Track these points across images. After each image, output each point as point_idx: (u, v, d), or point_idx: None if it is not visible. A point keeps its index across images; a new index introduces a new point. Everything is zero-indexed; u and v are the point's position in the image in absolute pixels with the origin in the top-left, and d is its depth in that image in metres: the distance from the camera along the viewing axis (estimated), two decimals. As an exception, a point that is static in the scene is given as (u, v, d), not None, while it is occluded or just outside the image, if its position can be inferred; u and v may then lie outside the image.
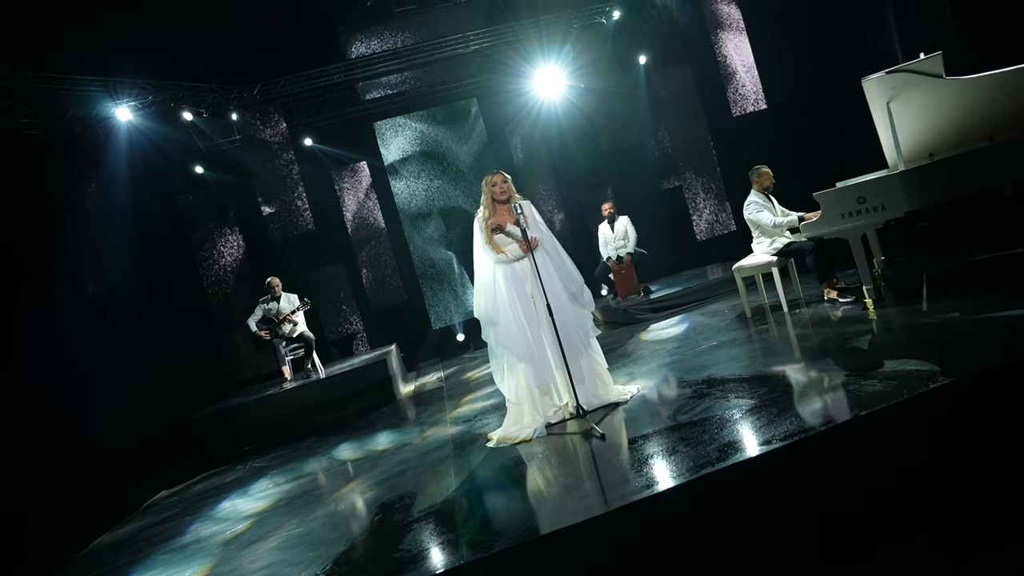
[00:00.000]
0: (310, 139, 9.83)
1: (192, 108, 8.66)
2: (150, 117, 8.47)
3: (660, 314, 6.13)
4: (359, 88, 9.64)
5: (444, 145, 10.18)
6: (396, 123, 10.20)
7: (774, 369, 3.49)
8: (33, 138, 8.00)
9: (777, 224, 4.68)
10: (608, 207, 7.05)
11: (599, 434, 3.21)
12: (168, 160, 8.86)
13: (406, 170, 10.11)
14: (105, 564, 3.49)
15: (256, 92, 8.93)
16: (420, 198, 10.10)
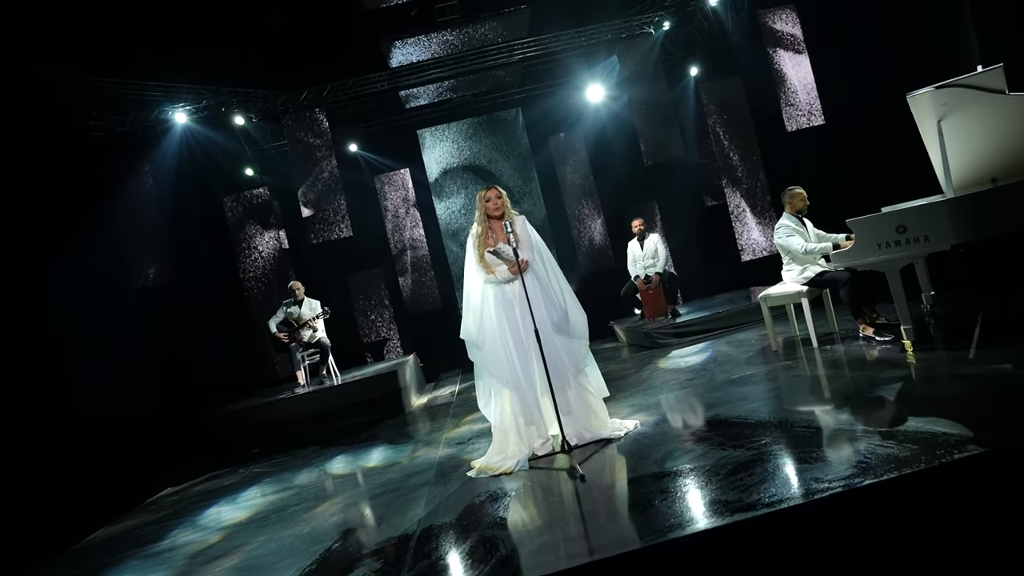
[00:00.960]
0: (355, 145, 10.00)
1: (243, 112, 8.94)
2: (203, 121, 8.83)
3: (684, 339, 5.77)
4: (403, 96, 9.71)
5: (486, 154, 10.12)
6: (439, 132, 10.22)
7: (784, 415, 3.13)
8: (97, 139, 8.49)
9: (809, 251, 4.27)
10: (639, 224, 6.73)
11: (579, 475, 2.96)
12: (218, 162, 9.23)
13: (447, 178, 10.10)
14: (83, 564, 3.52)
15: (303, 98, 9.14)
16: (460, 207, 10.06)
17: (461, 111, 10.19)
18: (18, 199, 6.16)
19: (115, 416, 5.63)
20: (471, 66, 9.18)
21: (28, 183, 6.44)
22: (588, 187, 9.87)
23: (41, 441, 5.00)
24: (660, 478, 2.74)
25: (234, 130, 9.01)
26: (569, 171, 9.93)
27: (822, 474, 2.32)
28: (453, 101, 10.08)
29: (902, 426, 2.60)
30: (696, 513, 2.26)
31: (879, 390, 3.21)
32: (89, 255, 7.09)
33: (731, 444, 2.89)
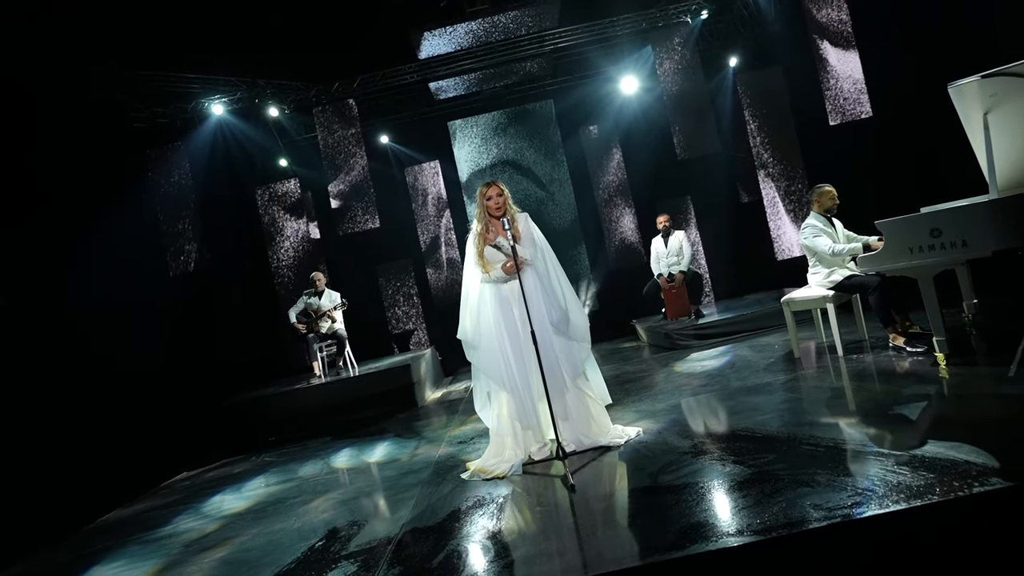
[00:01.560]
0: (385, 137, 10.03)
1: (277, 104, 9.05)
2: (238, 113, 9.00)
3: (705, 342, 5.53)
4: (433, 89, 9.66)
5: (517, 147, 9.99)
6: (469, 124, 10.15)
7: (793, 430, 2.92)
8: (139, 130, 8.77)
9: (836, 253, 3.99)
10: (663, 220, 6.48)
11: (569, 484, 2.84)
12: (251, 154, 9.43)
13: (478, 170, 10.02)
14: (88, 546, 3.61)
15: (334, 90, 9.19)
16: None
17: (492, 103, 10.08)
18: (63, 186, 6.39)
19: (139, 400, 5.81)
20: (501, 57, 9.04)
21: (73, 171, 6.69)
22: (620, 181, 9.64)
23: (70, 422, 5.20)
24: (651, 493, 2.59)
25: (267, 122, 9.15)
26: (600, 164, 9.72)
27: (821, 500, 2.13)
28: (483, 93, 9.97)
29: (920, 450, 2.37)
30: (675, 538, 2.11)
31: (902, 407, 2.96)
32: (129, 242, 7.34)
33: (732, 459, 2.71)
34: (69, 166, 6.72)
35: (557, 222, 9.66)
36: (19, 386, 4.99)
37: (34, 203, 6.01)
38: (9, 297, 5.54)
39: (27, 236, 5.81)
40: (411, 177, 10.22)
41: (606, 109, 9.45)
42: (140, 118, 8.74)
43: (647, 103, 9.06)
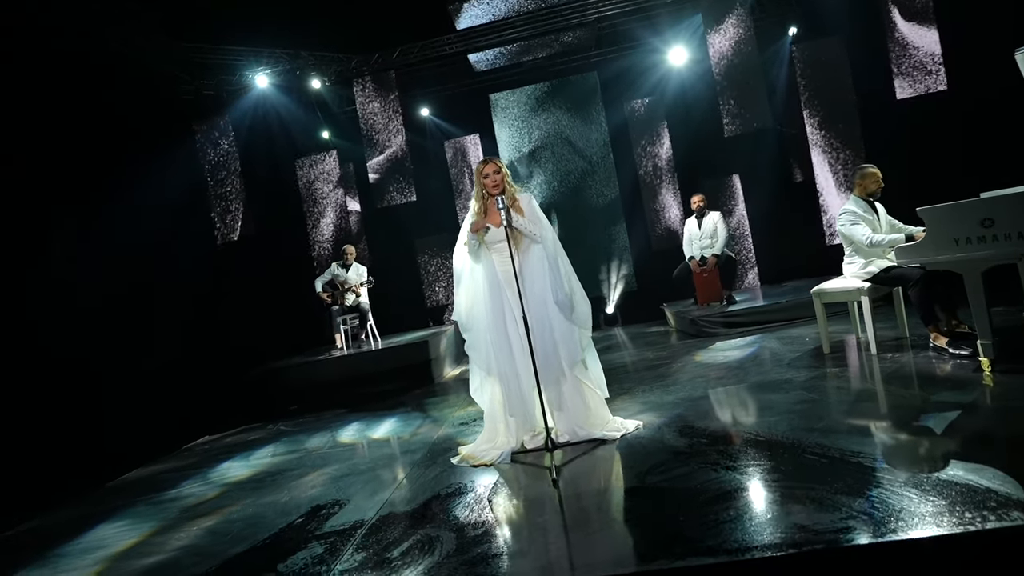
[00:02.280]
0: (426, 110, 9.94)
1: (319, 75, 9.07)
2: (281, 84, 9.10)
3: (733, 330, 5.22)
4: (474, 60, 9.46)
5: (558, 120, 9.70)
6: (510, 97, 9.91)
7: (801, 435, 2.67)
8: (187, 102, 9.01)
9: (875, 243, 3.62)
10: (698, 200, 6.13)
11: (552, 478, 2.71)
12: (292, 125, 9.54)
13: (518, 144, 9.81)
14: (103, 504, 3.77)
15: (373, 61, 9.13)
16: (530, 173, 9.77)
17: (533, 75, 9.79)
18: (117, 156, 6.61)
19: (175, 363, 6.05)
20: (543, 27, 8.71)
21: (128, 142, 6.93)
22: (665, 157, 9.22)
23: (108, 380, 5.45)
24: (634, 495, 2.44)
25: (308, 94, 9.22)
26: (644, 140, 9.32)
27: (810, 522, 1.92)
28: (525, 65, 9.69)
29: (938, 471, 2.11)
30: (645, 548, 1.96)
31: (930, 417, 2.66)
32: (175, 210, 7.59)
33: (726, 464, 2.51)
34: (125, 137, 6.96)
35: (597, 198, 9.37)
36: (69, 339, 5.22)
37: (94, 173, 6.23)
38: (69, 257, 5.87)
39: (81, 203, 6.05)
40: (451, 151, 10.12)
41: (651, 82, 9.01)
42: (188, 90, 8.95)
43: (695, 75, 8.57)
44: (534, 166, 9.73)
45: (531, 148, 9.77)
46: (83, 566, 2.81)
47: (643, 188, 9.25)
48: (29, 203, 5.23)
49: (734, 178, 8.80)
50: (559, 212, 9.49)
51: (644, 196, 9.27)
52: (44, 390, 4.74)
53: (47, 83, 5.66)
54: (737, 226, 8.68)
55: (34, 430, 4.51)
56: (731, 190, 8.82)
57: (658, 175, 9.23)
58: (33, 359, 4.73)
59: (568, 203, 9.45)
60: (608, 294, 8.83)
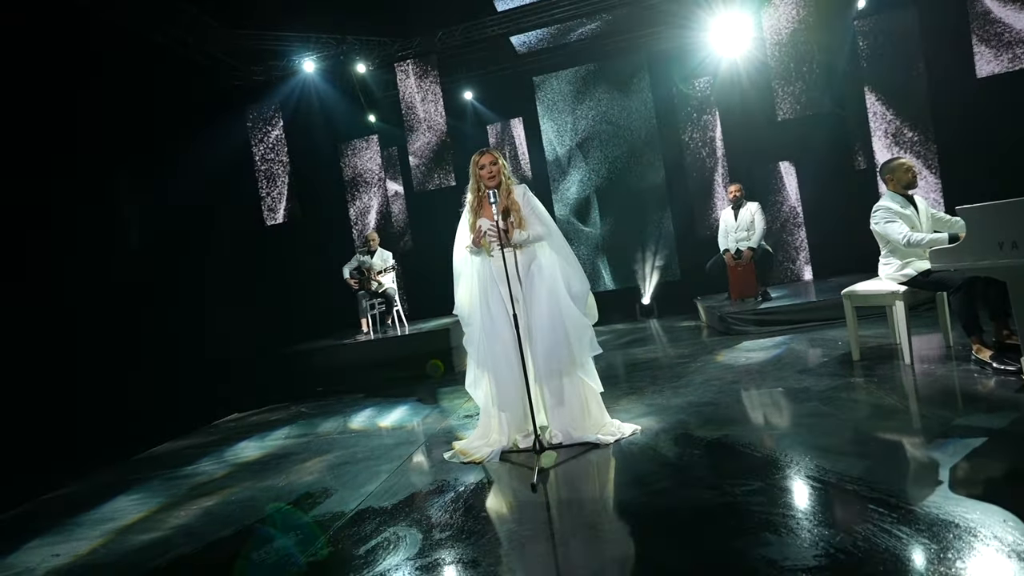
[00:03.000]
0: (469, 93, 9.89)
1: (364, 60, 9.16)
2: (326, 69, 9.25)
3: (764, 329, 4.92)
4: (516, 43, 9.30)
5: (603, 103, 9.43)
6: (554, 79, 9.70)
7: (800, 454, 2.47)
8: (238, 88, 9.32)
9: (913, 242, 3.28)
10: (735, 190, 5.79)
11: (531, 482, 2.63)
12: (336, 110, 9.71)
13: (561, 127, 9.62)
14: (126, 475, 3.99)
15: (415, 45, 9.13)
16: (572, 159, 9.57)
17: (577, 57, 9.54)
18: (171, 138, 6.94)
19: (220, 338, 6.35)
20: (588, 7, 8.43)
21: (183, 125, 7.27)
22: (715, 143, 8.81)
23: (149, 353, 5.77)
24: (607, 509, 2.33)
25: (352, 78, 9.33)
26: (693, 124, 8.93)
27: (779, 555, 1.77)
28: (569, 47, 9.45)
29: (939, 508, 1.89)
30: (597, 567, 1.85)
31: (951, 443, 2.40)
32: (225, 191, 7.92)
33: (709, 482, 2.35)
34: (185, 121, 7.32)
35: (642, 184, 9.07)
36: (116, 310, 5.54)
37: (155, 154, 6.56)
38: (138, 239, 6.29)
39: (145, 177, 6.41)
40: (493, 134, 10.04)
41: (701, 63, 8.57)
42: (239, 76, 9.25)
43: (747, 55, 8.07)
44: (577, 150, 9.51)
45: (574, 131, 9.56)
46: (90, 536, 2.97)
47: (689, 174, 8.89)
48: (93, 179, 5.56)
49: (788, 165, 8.31)
50: (601, 197, 9.27)
51: (690, 182, 8.90)
52: (89, 360, 5.06)
53: (109, 70, 5.99)
54: (790, 216, 8.21)
55: (80, 398, 4.84)
56: (784, 178, 8.34)
57: (706, 161, 8.84)
58: (86, 329, 5.06)
59: (611, 188, 9.20)
60: (644, 284, 8.57)
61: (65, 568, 2.67)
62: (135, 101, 6.29)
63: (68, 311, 5.00)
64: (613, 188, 9.23)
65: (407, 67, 9.04)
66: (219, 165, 8.06)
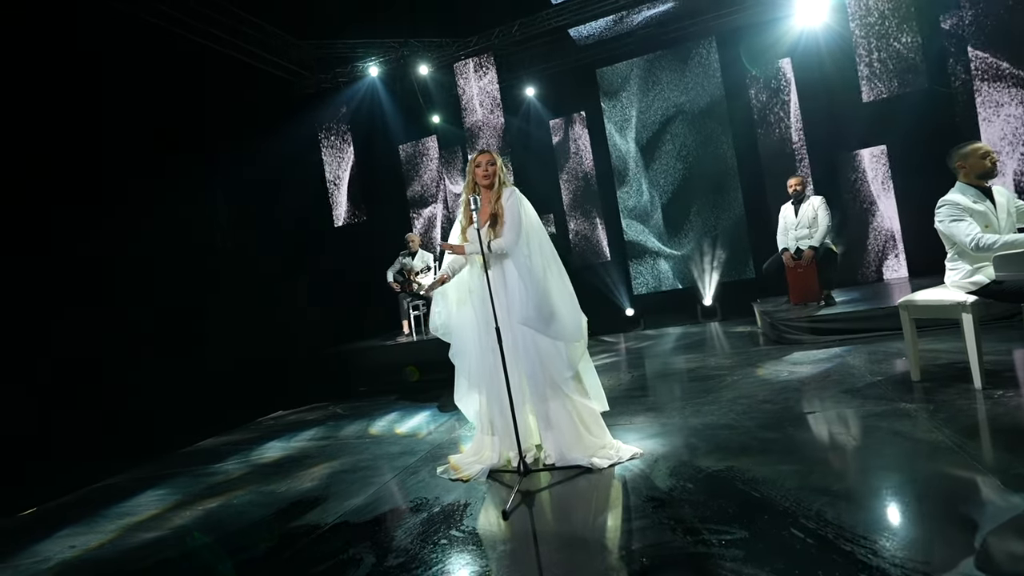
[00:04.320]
0: (530, 90, 9.74)
1: (426, 61, 9.28)
2: (390, 72, 9.47)
3: (820, 338, 4.38)
4: (576, 36, 9.02)
5: (671, 92, 8.94)
6: (618, 70, 9.31)
7: (805, 497, 2.11)
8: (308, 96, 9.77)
9: (984, 245, 2.73)
10: (795, 183, 5.20)
11: (504, 510, 2.45)
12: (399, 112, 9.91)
13: (626, 119, 9.23)
14: (163, 469, 4.22)
15: (473, 44, 9.11)
16: (637, 152, 9.17)
17: (643, 46, 9.07)
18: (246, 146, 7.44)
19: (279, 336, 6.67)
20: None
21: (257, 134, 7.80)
22: (794, 130, 8.07)
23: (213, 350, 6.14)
24: (575, 546, 2.11)
25: (413, 80, 9.47)
26: (771, 111, 8.22)
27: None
28: (634, 35, 9.01)
29: None
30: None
31: (1007, 494, 1.94)
32: (295, 194, 8.34)
33: (689, 525, 2.06)
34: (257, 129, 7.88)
35: (713, 177, 8.49)
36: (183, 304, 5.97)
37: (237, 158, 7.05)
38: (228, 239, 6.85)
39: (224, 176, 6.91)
40: (556, 130, 9.82)
41: (777, 41, 7.87)
42: (308, 84, 9.67)
43: (829, 31, 7.31)
44: (642, 143, 9.07)
45: (640, 123, 9.13)
46: (106, 531, 3.13)
47: (764, 164, 8.19)
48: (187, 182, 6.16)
49: (875, 152, 7.44)
50: (666, 191, 8.79)
51: (765, 174, 8.20)
52: (156, 355, 5.46)
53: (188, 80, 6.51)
54: (874, 210, 7.35)
55: (145, 391, 5.22)
56: (869, 167, 7.48)
57: (783, 149, 8.11)
58: (152, 323, 5.48)
59: (677, 182, 8.70)
60: (706, 284, 8.01)
61: (73, 560, 2.82)
62: (219, 111, 6.82)
63: (136, 305, 5.44)
64: (680, 182, 8.71)
65: (465, 66, 9.02)
66: (292, 170, 8.49)
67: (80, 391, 4.88)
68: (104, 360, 5.06)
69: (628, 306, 8.07)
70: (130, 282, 5.39)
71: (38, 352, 4.70)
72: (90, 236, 5.17)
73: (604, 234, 9.36)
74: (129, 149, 5.52)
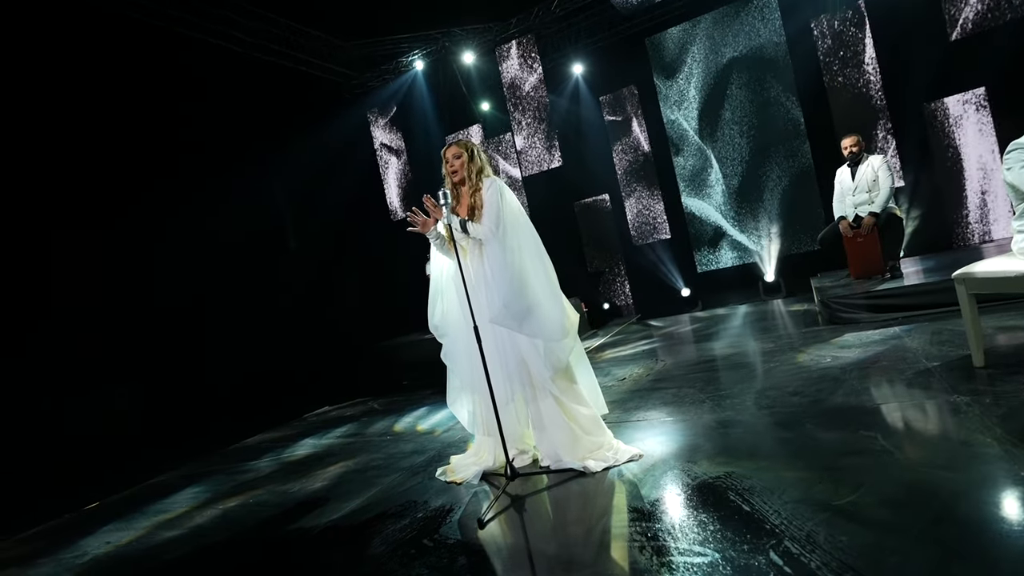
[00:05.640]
0: (579, 66, 9.40)
1: (468, 49, 9.19)
2: (434, 64, 9.47)
3: (879, 316, 3.85)
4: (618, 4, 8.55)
5: (730, 55, 8.29)
6: (668, 36, 8.76)
7: (800, 516, 1.82)
8: (357, 95, 10.01)
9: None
10: (851, 143, 4.61)
11: (479, 519, 2.32)
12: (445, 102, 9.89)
13: (681, 88, 8.69)
14: (204, 467, 4.44)
15: (513, 25, 8.91)
16: (693, 121, 8.62)
17: (696, 7, 8.45)
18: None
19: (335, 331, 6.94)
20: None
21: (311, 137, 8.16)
22: (871, 85, 7.23)
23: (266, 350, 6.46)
24: (525, 563, 1.95)
25: (455, 70, 9.42)
26: (842, 64, 7.41)
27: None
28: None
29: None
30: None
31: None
32: (351, 194, 8.62)
33: (661, 542, 1.84)
34: (311, 133, 8.18)
35: (779, 140, 7.81)
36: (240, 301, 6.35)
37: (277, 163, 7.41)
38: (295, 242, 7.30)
39: None
40: (607, 106, 9.41)
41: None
42: (353, 84, 9.88)
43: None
44: (697, 111, 8.49)
45: (695, 90, 8.54)
46: (139, 527, 3.31)
47: (838, 121, 7.39)
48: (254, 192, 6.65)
49: (964, 99, 6.50)
50: (726, 160, 8.19)
51: (838, 132, 7.41)
52: (212, 351, 5.80)
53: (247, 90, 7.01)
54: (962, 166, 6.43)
55: (209, 387, 5.59)
56: (957, 117, 6.55)
57: (856, 101, 7.27)
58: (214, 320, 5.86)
59: (741, 149, 8.07)
60: (767, 258, 7.39)
61: (104, 556, 3.00)
62: (276, 118, 7.25)
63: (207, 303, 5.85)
64: (742, 149, 8.08)
65: (507, 50, 8.85)
66: (345, 170, 8.75)
67: (156, 388, 5.34)
68: (187, 354, 5.50)
69: (684, 286, 7.61)
70: (193, 283, 5.78)
71: (131, 351, 5.26)
72: (166, 234, 5.61)
73: (662, 211, 8.89)
74: (200, 158, 6.07)
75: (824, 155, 7.38)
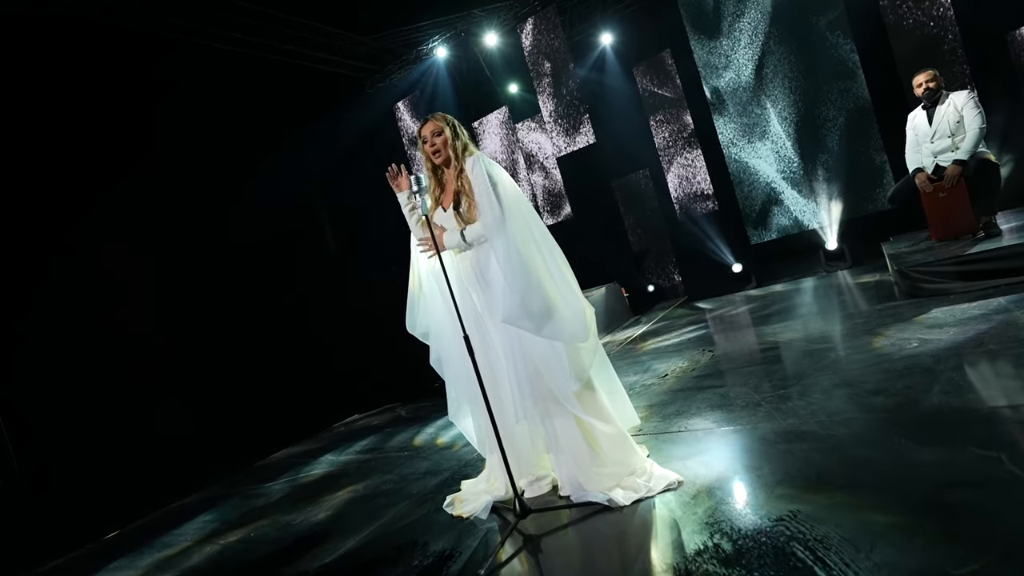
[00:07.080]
0: (608, 36, 8.76)
1: (491, 29, 8.77)
2: (457, 48, 9.11)
3: (974, 285, 3.15)
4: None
5: (775, 14, 7.42)
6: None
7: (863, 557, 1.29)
8: (380, 88, 9.78)
9: None
10: (924, 79, 3.85)
11: (480, 571, 1.90)
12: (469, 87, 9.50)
13: (721, 51, 7.92)
14: (226, 490, 4.20)
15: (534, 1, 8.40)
16: (737, 82, 7.82)
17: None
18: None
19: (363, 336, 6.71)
20: None
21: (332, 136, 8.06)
22: (940, 13, 6.29)
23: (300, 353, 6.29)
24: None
25: (478, 53, 9.03)
26: (904, 14, 6.48)
27: None
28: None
29: None
30: None
31: None
32: (381, 198, 8.43)
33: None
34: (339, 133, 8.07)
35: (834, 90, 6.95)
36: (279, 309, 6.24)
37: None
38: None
39: None
40: (640, 76, 8.73)
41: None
42: (374, 79, 9.63)
43: None
44: (743, 68, 7.71)
45: (737, 46, 7.75)
46: (140, 566, 3.08)
47: (901, 60, 6.46)
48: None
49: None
50: (776, 123, 7.39)
51: (903, 74, 6.49)
52: (242, 360, 5.68)
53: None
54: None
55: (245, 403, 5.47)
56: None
57: (927, 36, 6.33)
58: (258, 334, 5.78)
59: (792, 106, 7.25)
60: (829, 223, 6.60)
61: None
62: (305, 118, 7.27)
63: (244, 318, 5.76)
64: (793, 105, 7.25)
65: (528, 26, 8.35)
66: (371, 163, 8.51)
67: (191, 403, 5.27)
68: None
69: (735, 261, 6.91)
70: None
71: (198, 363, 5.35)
72: (207, 242, 5.64)
73: (708, 182, 8.20)
74: (221, 164, 6.14)
75: (887, 104, 6.48)
